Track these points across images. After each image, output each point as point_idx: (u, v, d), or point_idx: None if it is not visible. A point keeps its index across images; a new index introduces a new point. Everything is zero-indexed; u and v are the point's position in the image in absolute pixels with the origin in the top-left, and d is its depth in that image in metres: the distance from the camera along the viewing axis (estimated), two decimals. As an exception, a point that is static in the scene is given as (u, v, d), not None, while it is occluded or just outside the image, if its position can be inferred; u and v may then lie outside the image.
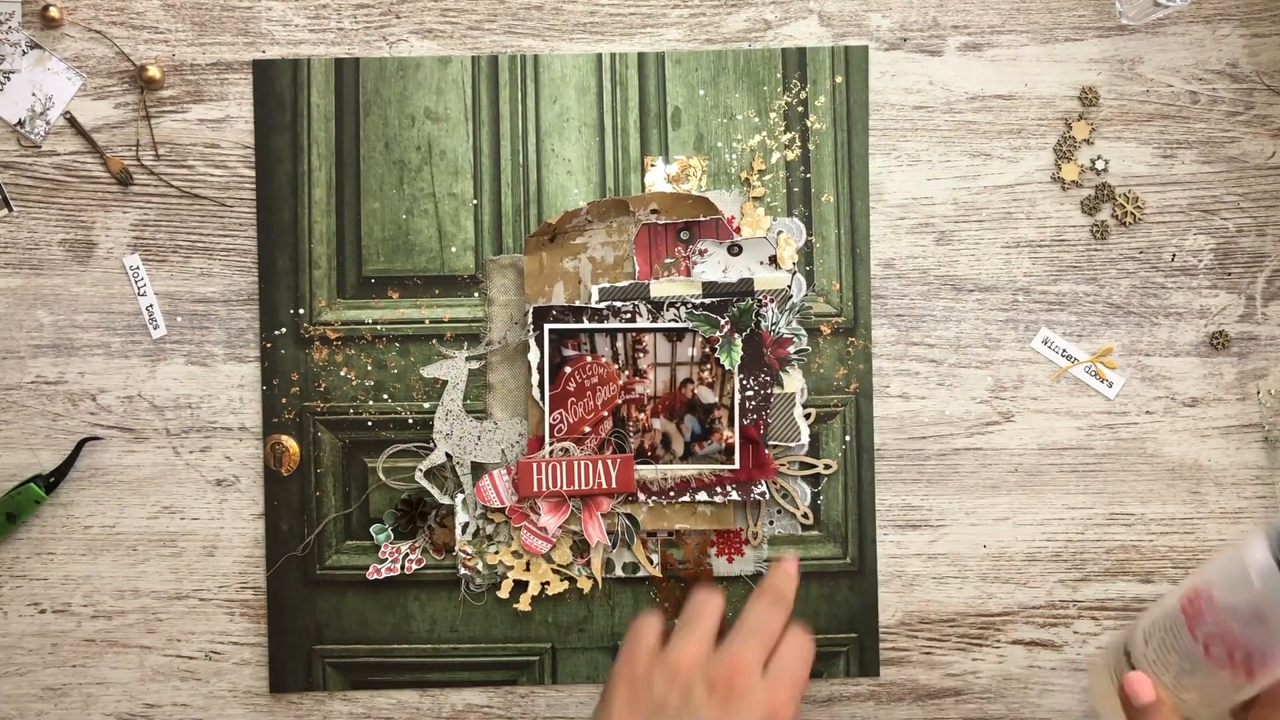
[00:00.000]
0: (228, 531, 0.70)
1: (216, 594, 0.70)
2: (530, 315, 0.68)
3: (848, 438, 0.70)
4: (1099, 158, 0.71)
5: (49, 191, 0.70)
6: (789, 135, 0.70)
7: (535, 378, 0.68)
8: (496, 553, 0.69)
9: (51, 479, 0.69)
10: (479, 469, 0.70)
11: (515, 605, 0.70)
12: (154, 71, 0.69)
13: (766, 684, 0.54)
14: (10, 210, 0.70)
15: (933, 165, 0.70)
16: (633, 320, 0.68)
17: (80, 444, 0.69)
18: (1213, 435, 0.71)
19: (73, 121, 0.70)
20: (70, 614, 0.70)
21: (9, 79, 0.70)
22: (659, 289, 0.68)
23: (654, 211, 0.69)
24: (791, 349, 0.69)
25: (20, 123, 0.70)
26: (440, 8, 0.70)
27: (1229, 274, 0.71)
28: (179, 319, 0.70)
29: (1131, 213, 0.70)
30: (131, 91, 0.70)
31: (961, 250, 0.71)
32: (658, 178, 0.69)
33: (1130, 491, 0.71)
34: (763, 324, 0.68)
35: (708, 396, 0.68)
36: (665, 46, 0.70)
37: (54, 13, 0.69)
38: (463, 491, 0.69)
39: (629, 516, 0.69)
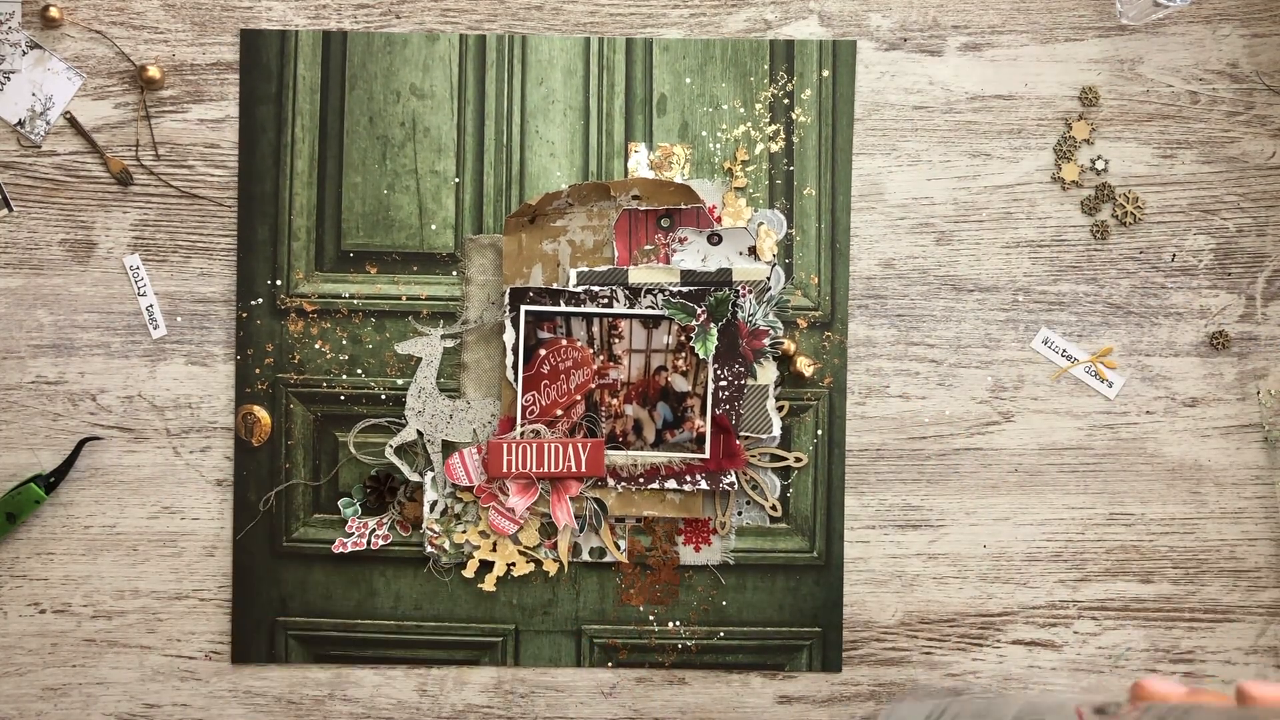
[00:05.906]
0: (228, 531, 0.70)
1: (216, 594, 0.70)
2: (507, 296, 0.68)
3: (819, 432, 0.70)
4: (1099, 158, 0.70)
5: (49, 191, 0.70)
6: (774, 127, 0.70)
7: (510, 359, 0.68)
8: (464, 532, 0.70)
9: (51, 479, 0.69)
10: (450, 447, 0.70)
11: (480, 585, 0.70)
12: (154, 71, 0.69)
13: None
14: (10, 210, 0.70)
15: (933, 165, 0.70)
16: (610, 305, 0.68)
17: (80, 444, 0.69)
18: (1213, 435, 0.71)
19: (73, 121, 0.70)
20: (70, 614, 0.70)
21: (9, 79, 0.69)
22: (637, 275, 0.68)
23: (635, 197, 0.69)
24: (767, 341, 0.69)
25: (20, 123, 0.70)
26: (440, 7, 0.70)
27: (1229, 274, 0.71)
28: (179, 319, 0.70)
29: (1131, 213, 0.70)
30: (131, 91, 0.70)
31: (961, 250, 0.71)
32: (639, 163, 0.69)
33: (1130, 491, 0.71)
34: (739, 314, 0.68)
35: (681, 385, 0.68)
36: (665, 46, 0.70)
37: (54, 13, 0.69)
38: (432, 469, 0.70)
39: (598, 501, 0.69)
